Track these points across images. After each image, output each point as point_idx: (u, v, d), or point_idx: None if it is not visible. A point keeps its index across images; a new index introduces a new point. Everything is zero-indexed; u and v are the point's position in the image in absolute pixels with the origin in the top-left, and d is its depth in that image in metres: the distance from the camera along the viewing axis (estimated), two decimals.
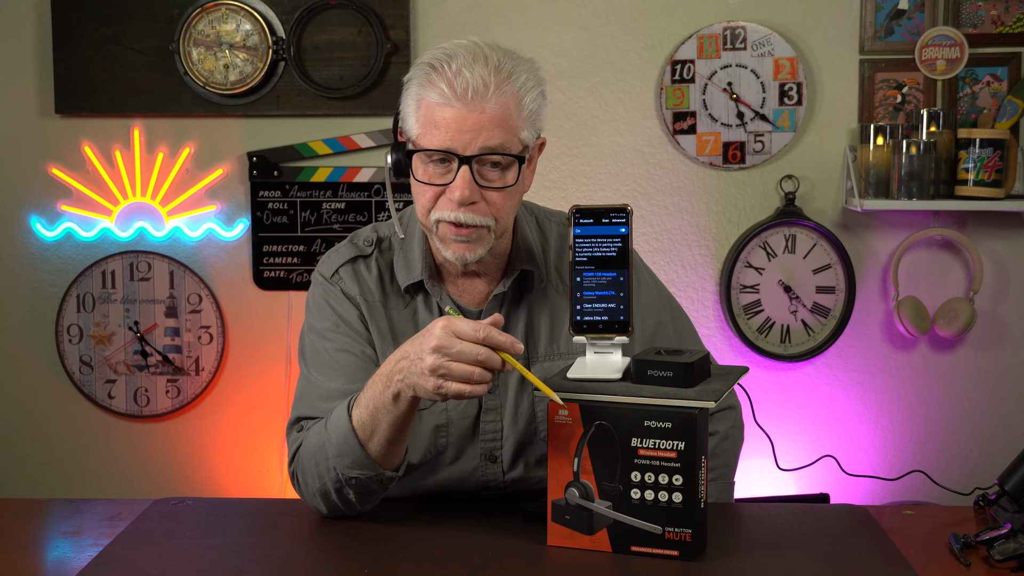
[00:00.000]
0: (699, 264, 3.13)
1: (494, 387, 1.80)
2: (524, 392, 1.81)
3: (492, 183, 1.70)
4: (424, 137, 1.69)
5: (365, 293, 1.82)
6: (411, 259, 1.82)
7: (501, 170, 1.70)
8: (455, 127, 1.66)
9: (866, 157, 2.98)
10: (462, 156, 1.67)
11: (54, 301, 3.16)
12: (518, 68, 1.70)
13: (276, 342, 3.15)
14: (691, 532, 1.51)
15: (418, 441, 1.79)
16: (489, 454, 1.81)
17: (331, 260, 1.86)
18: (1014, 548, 1.54)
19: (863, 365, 3.14)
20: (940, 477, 2.06)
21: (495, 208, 1.71)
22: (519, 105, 1.69)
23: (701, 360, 1.57)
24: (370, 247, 1.85)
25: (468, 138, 1.66)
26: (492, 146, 1.67)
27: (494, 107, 1.66)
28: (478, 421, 1.81)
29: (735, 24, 3.04)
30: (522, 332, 1.82)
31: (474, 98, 1.66)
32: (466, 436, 1.81)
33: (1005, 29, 3.02)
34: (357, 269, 1.83)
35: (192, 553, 1.60)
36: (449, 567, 1.54)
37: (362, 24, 3.05)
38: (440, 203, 1.71)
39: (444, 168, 1.69)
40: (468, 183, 1.67)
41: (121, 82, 3.09)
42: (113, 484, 3.20)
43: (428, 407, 1.79)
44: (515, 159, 1.70)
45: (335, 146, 3.10)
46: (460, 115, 1.66)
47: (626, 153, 3.11)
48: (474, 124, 1.66)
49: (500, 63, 1.68)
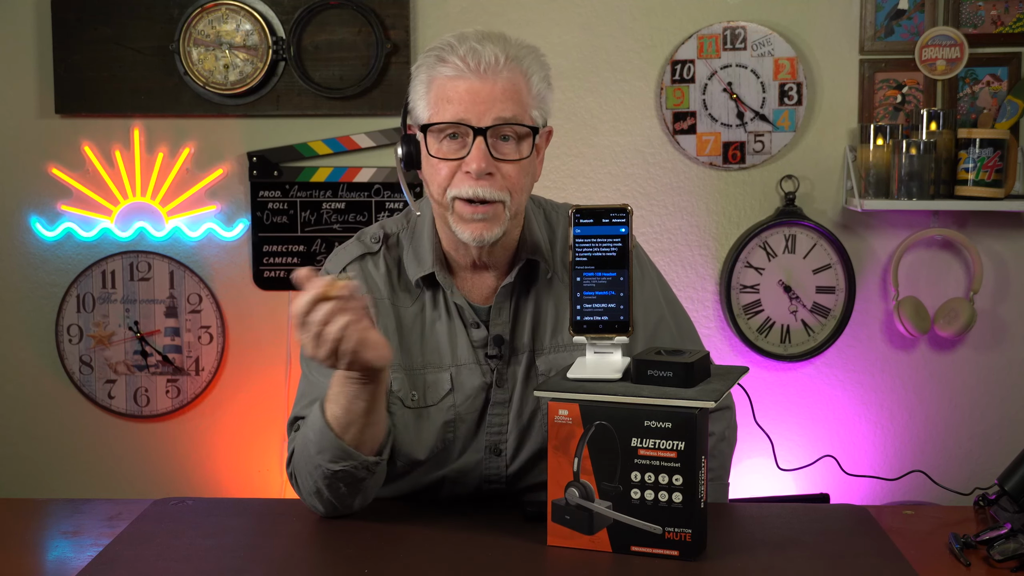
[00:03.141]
0: (699, 264, 3.13)
1: (503, 381, 1.81)
2: (530, 386, 1.81)
3: (507, 155, 1.72)
4: (437, 114, 1.72)
5: (372, 290, 1.82)
6: (421, 252, 1.83)
7: (515, 142, 1.73)
8: (468, 99, 1.69)
9: (866, 157, 2.98)
10: (476, 128, 1.69)
11: (54, 301, 3.16)
12: (523, 51, 1.74)
13: (276, 342, 3.15)
14: (691, 532, 1.51)
15: (426, 438, 1.80)
16: (494, 447, 1.82)
17: (338, 258, 1.87)
18: (1014, 548, 1.54)
19: (863, 365, 3.14)
20: (940, 477, 2.06)
21: (510, 182, 1.73)
22: (528, 83, 1.73)
23: (701, 360, 1.57)
24: (377, 244, 1.86)
25: (482, 109, 1.69)
26: (506, 117, 1.70)
27: (505, 80, 1.70)
28: (485, 414, 1.82)
29: (735, 24, 3.04)
30: (529, 324, 1.83)
31: (487, 71, 1.69)
32: (472, 430, 1.82)
33: (1005, 29, 3.02)
34: (364, 267, 1.84)
35: (192, 553, 1.60)
36: (449, 567, 1.54)
37: (362, 24, 3.05)
38: (456, 179, 1.72)
39: (458, 143, 1.72)
40: (484, 154, 1.70)
41: (121, 82, 3.09)
42: (113, 484, 3.20)
43: (436, 403, 1.80)
44: (529, 131, 1.73)
45: (335, 146, 3.11)
46: (473, 87, 1.69)
47: (626, 153, 3.11)
48: (488, 95, 1.69)
49: (507, 46, 1.72)
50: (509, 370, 1.82)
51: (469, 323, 1.81)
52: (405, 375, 1.80)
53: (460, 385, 1.80)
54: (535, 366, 1.82)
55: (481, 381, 1.81)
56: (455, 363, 1.80)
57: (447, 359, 1.81)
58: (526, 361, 1.82)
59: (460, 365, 1.80)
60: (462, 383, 1.80)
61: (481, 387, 1.81)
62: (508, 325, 1.82)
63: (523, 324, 1.83)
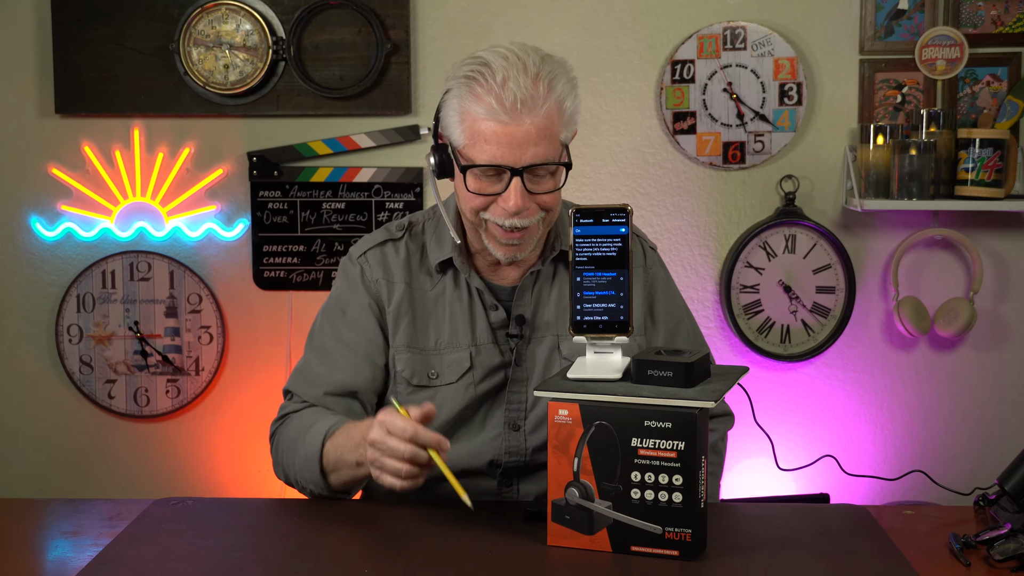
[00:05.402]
0: (699, 264, 3.13)
1: (522, 360, 1.87)
2: (551, 365, 1.88)
3: (542, 187, 1.77)
4: (472, 149, 1.74)
5: (388, 275, 1.89)
6: (443, 238, 1.90)
7: (550, 175, 1.77)
8: (505, 141, 1.72)
9: (866, 157, 2.98)
10: (514, 169, 1.73)
11: (54, 301, 3.16)
12: (555, 73, 1.74)
13: (276, 342, 3.15)
14: (691, 532, 1.52)
15: (444, 414, 1.86)
16: (512, 423, 1.87)
17: (362, 244, 1.94)
18: (1014, 548, 1.54)
19: (863, 365, 3.14)
20: (940, 477, 2.06)
21: (546, 206, 1.78)
22: (560, 111, 1.75)
23: (701, 360, 1.58)
24: (401, 232, 1.93)
25: (518, 152, 1.72)
26: (540, 160, 1.73)
27: (540, 119, 1.72)
28: (504, 391, 1.88)
29: (735, 24, 3.04)
30: (553, 307, 1.89)
31: (522, 111, 1.71)
32: (492, 406, 1.88)
33: (1005, 29, 3.02)
34: (385, 251, 1.91)
35: (192, 553, 1.61)
36: (449, 567, 1.54)
37: (362, 24, 3.05)
38: (492, 209, 1.78)
39: (494, 178, 1.76)
40: (521, 194, 1.74)
41: (121, 82, 3.09)
42: (113, 484, 3.20)
43: (455, 381, 1.86)
44: (562, 165, 1.77)
45: (335, 146, 3.10)
46: (509, 130, 1.71)
47: (626, 153, 3.11)
48: (523, 137, 1.71)
49: (539, 71, 1.72)
50: (528, 349, 1.88)
51: (488, 305, 1.88)
52: (414, 355, 1.87)
53: (480, 363, 1.87)
54: (558, 349, 1.88)
55: (500, 360, 1.87)
56: (474, 343, 1.87)
57: (466, 339, 1.87)
58: (549, 343, 1.88)
59: (480, 345, 1.87)
60: (481, 361, 1.87)
61: (500, 366, 1.87)
62: (531, 307, 1.88)
63: (547, 306, 1.89)
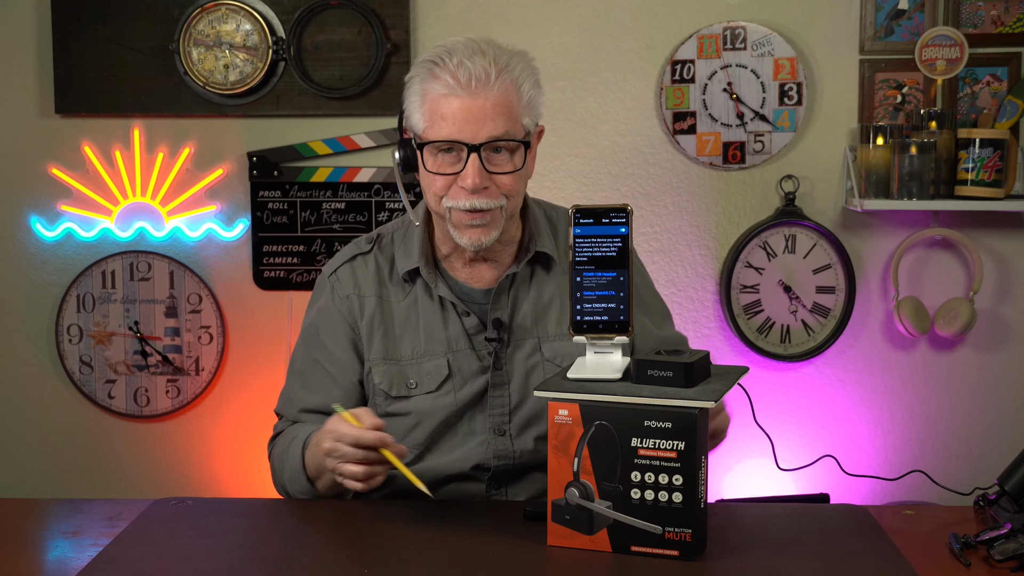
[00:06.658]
0: (699, 264, 3.13)
1: (500, 363, 1.87)
2: (533, 367, 1.88)
3: (501, 167, 1.79)
4: (431, 129, 1.78)
5: (359, 289, 1.92)
6: (410, 248, 1.91)
7: (508, 153, 1.79)
8: (461, 117, 1.75)
9: (866, 157, 2.98)
10: (471, 145, 1.75)
11: (54, 301, 3.16)
12: (512, 60, 1.79)
13: (276, 342, 3.15)
14: (691, 532, 1.52)
15: (428, 423, 1.87)
16: (497, 428, 1.87)
17: (333, 261, 1.97)
18: (1014, 548, 1.54)
19: (863, 365, 3.14)
20: (940, 477, 2.06)
21: (505, 188, 1.80)
22: (518, 93, 1.78)
23: (701, 360, 1.58)
24: (370, 244, 1.96)
25: (475, 127, 1.75)
26: (498, 135, 1.76)
27: (496, 95, 1.75)
28: (485, 397, 1.88)
29: (735, 24, 3.04)
30: (531, 310, 1.90)
31: (477, 87, 1.74)
32: (474, 413, 1.88)
33: (1005, 29, 3.02)
34: (355, 266, 1.94)
35: (192, 553, 1.61)
36: (449, 567, 1.54)
37: (362, 24, 3.05)
38: (452, 191, 1.79)
39: (453, 157, 1.78)
40: (478, 171, 1.76)
41: (121, 82, 3.09)
42: (113, 484, 3.20)
43: (434, 390, 1.87)
44: (520, 144, 1.79)
45: (335, 146, 3.10)
46: (465, 104, 1.74)
47: (626, 153, 3.11)
48: (479, 113, 1.74)
49: (497, 56, 1.78)
50: (507, 353, 1.88)
51: (460, 312, 1.88)
52: (390, 366, 1.89)
53: (458, 370, 1.87)
54: (540, 351, 1.89)
55: (479, 365, 1.88)
56: (451, 349, 1.88)
57: (442, 346, 1.88)
58: (529, 346, 1.89)
59: (456, 351, 1.88)
60: (460, 368, 1.87)
61: (478, 371, 1.88)
62: (508, 310, 1.89)
63: (524, 310, 1.89)
